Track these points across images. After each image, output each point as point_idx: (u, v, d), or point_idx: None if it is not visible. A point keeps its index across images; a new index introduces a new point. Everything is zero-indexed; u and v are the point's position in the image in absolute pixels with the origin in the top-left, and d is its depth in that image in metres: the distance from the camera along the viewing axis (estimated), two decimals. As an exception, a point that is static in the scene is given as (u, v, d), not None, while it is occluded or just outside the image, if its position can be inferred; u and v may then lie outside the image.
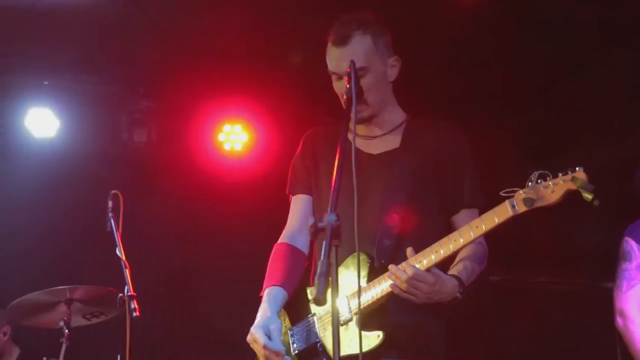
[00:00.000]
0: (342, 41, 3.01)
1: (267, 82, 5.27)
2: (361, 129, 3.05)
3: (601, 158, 5.74)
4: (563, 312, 6.59)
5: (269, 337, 2.85)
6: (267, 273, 3.12)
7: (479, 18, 4.87)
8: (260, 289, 3.14)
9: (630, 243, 3.93)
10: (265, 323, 2.90)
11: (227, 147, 5.66)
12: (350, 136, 2.76)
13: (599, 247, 6.39)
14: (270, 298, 3.01)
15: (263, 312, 2.96)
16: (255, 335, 2.87)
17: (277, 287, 3.04)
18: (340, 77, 3.04)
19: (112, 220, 4.03)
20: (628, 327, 3.79)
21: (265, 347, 2.83)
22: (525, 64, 5.34)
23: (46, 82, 5.45)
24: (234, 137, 5.66)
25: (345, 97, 2.90)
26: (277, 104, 5.32)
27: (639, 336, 3.75)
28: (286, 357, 2.95)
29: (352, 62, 2.88)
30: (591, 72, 5.45)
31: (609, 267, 6.45)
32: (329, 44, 3.07)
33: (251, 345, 2.93)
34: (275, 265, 3.13)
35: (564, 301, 6.58)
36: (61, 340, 4.24)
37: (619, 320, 3.85)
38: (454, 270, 2.89)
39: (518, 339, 6.54)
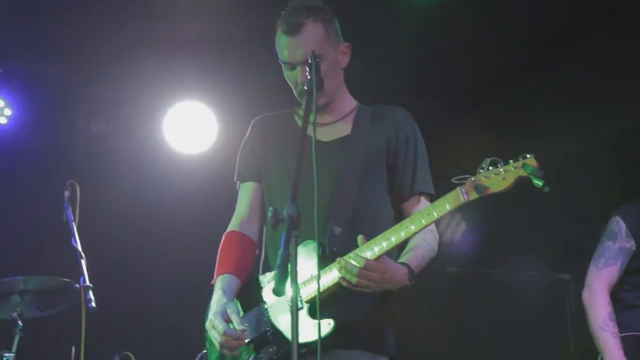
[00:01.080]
0: (294, 29, 2.96)
1: (222, 69, 5.24)
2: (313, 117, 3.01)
3: (556, 153, 5.84)
4: (516, 302, 6.70)
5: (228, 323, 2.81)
6: (218, 261, 3.09)
7: (442, 11, 4.89)
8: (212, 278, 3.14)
9: (620, 224, 3.94)
10: (223, 308, 2.86)
11: (184, 136, 5.60)
12: (307, 127, 2.72)
13: (549, 241, 6.51)
14: (224, 285, 2.98)
15: (218, 298, 2.92)
16: (215, 321, 2.83)
17: (230, 275, 3.02)
18: (293, 67, 2.99)
19: (68, 210, 3.98)
20: (592, 303, 3.85)
21: (225, 333, 2.79)
22: (487, 58, 5.38)
23: (0, 70, 5.35)
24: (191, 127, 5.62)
25: (305, 87, 2.85)
26: (234, 91, 5.29)
27: (601, 313, 3.82)
28: None
29: (313, 53, 2.81)
30: (550, 68, 5.50)
31: (559, 259, 6.61)
32: (279, 33, 3.01)
33: (209, 332, 2.89)
34: (226, 253, 3.10)
35: (517, 291, 6.70)
36: (14, 332, 4.16)
37: (585, 294, 3.90)
38: (404, 257, 2.88)
39: (473, 328, 6.63)
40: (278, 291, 2.37)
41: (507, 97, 5.72)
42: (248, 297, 3.03)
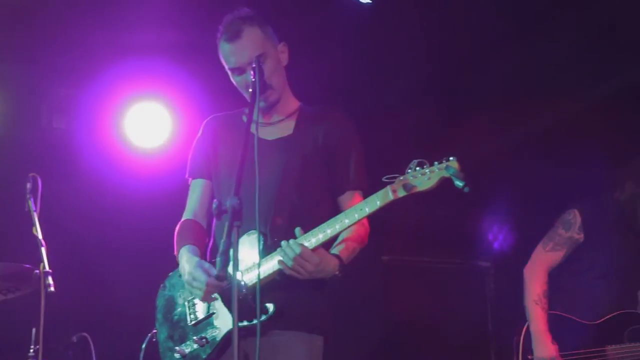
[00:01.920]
0: (236, 35, 2.99)
1: (180, 71, 5.21)
2: (260, 116, 3.00)
3: (481, 150, 5.92)
4: (443, 287, 6.78)
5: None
6: (177, 240, 3.10)
7: (376, 15, 4.90)
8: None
9: (577, 217, 3.98)
10: (199, 264, 2.87)
11: (142, 134, 5.55)
12: (250, 125, 2.76)
13: (471, 232, 6.61)
14: (190, 250, 3.00)
15: (188, 258, 2.94)
16: (195, 274, 2.84)
17: (192, 245, 3.03)
18: (242, 71, 3.01)
19: (30, 201, 3.94)
20: (532, 279, 3.95)
21: (208, 283, 2.80)
22: (419, 60, 5.37)
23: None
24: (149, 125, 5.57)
25: (251, 89, 2.89)
26: (189, 92, 5.27)
27: (537, 289, 3.91)
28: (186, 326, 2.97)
29: (257, 57, 2.87)
30: (477, 70, 5.52)
31: (479, 248, 6.72)
32: (222, 43, 3.04)
33: (190, 285, 2.86)
34: (184, 233, 3.11)
35: (443, 277, 6.78)
36: (-24, 316, 4.12)
37: (528, 269, 4.00)
38: (336, 249, 2.94)
39: (404, 310, 6.69)
40: (219, 277, 2.40)
41: (439, 100, 5.75)
42: None
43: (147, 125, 5.41)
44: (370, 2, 4.67)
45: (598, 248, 3.94)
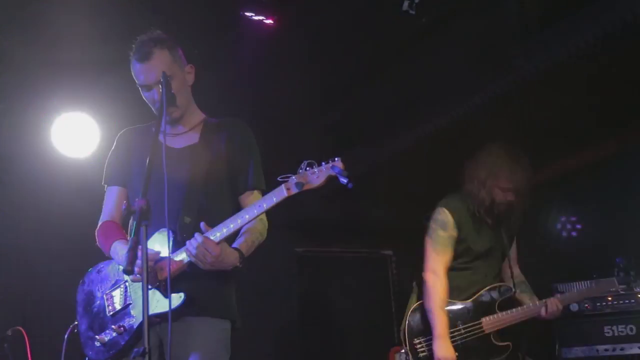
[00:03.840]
0: (146, 57, 2.99)
1: (108, 87, 5.12)
2: (168, 128, 3.03)
3: (381, 153, 6.03)
4: (351, 274, 6.89)
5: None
6: (102, 239, 3.07)
7: (282, 35, 4.92)
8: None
9: (448, 215, 3.99)
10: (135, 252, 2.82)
11: (65, 144, 5.36)
12: (160, 135, 2.78)
13: (376, 225, 6.74)
14: (121, 244, 2.97)
15: (121, 248, 2.91)
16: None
17: (121, 239, 3.02)
18: (149, 88, 3.02)
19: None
20: (436, 286, 3.88)
21: (155, 262, 2.79)
22: (325, 72, 5.40)
23: None
24: (72, 136, 5.42)
25: (158, 103, 2.92)
26: (112, 104, 5.20)
27: (442, 295, 3.87)
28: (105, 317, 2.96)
29: (164, 73, 2.88)
30: (377, 81, 5.54)
31: (382, 238, 6.85)
32: (134, 62, 3.03)
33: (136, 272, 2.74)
34: (109, 232, 3.09)
35: (351, 265, 6.89)
36: None
37: (430, 276, 3.91)
38: (237, 243, 2.97)
39: (317, 297, 6.77)
40: (127, 271, 2.41)
41: (338, 108, 5.80)
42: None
43: (72, 135, 5.30)
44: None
45: (465, 239, 4.03)
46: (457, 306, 3.98)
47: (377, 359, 5.21)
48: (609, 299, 4.84)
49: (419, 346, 3.93)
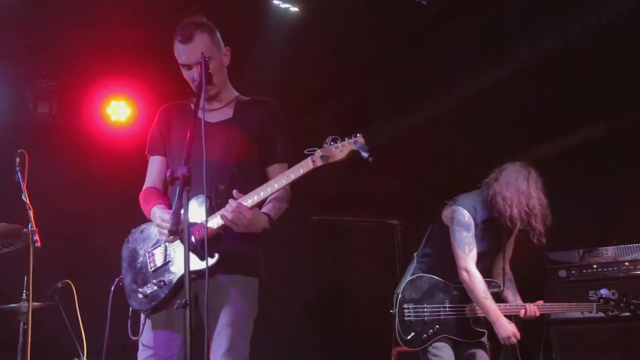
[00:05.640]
0: (188, 39, 2.97)
1: (146, 66, 5.14)
2: (205, 104, 2.98)
3: (391, 133, 6.04)
4: (361, 241, 6.92)
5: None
6: (145, 203, 3.07)
7: (302, 23, 4.91)
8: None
9: (465, 215, 3.87)
10: (166, 212, 2.87)
11: (113, 118, 5.52)
12: (198, 111, 2.79)
13: (384, 197, 6.75)
14: (160, 207, 2.97)
15: (161, 211, 2.90)
16: (164, 216, 2.83)
17: (160, 204, 3.02)
18: (190, 67, 3.01)
19: (19, 173, 3.88)
20: (472, 281, 3.80)
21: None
22: (341, 59, 5.41)
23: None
24: (119, 111, 5.51)
25: (197, 81, 2.92)
26: (152, 85, 5.23)
27: (481, 288, 3.79)
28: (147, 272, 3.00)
29: (203, 54, 2.86)
30: (384, 69, 5.58)
31: (389, 208, 6.86)
32: (176, 43, 3.02)
33: (160, 227, 2.85)
34: (150, 197, 3.09)
35: (361, 233, 6.91)
36: (-23, 267, 4.06)
37: (465, 276, 3.83)
38: (265, 208, 2.98)
39: (330, 262, 6.81)
40: (172, 231, 2.43)
41: (355, 90, 5.81)
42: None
43: (117, 110, 5.35)
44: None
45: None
46: (449, 287, 3.99)
47: (379, 314, 5.23)
48: (594, 266, 4.85)
49: (406, 311, 3.92)
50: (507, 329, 3.78)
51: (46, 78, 5.34)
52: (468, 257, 3.85)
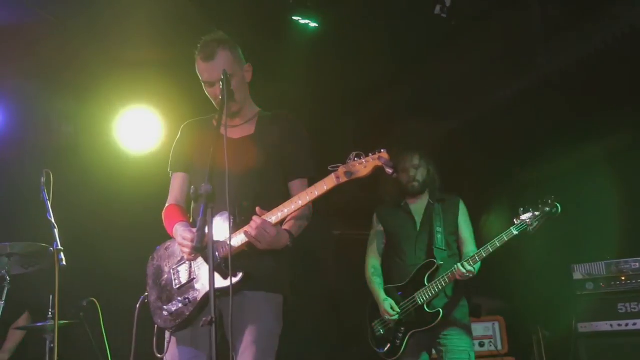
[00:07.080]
0: (210, 57, 2.96)
1: (169, 84, 5.15)
2: (227, 121, 2.97)
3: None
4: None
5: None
6: (168, 221, 3.06)
7: (322, 40, 4.92)
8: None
9: (374, 216, 4.56)
10: (189, 230, 2.87)
11: (136, 136, 5.43)
12: (221, 128, 2.76)
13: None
14: (183, 225, 2.96)
15: (183, 229, 2.90)
16: (185, 235, 2.83)
17: (183, 221, 3.01)
18: (212, 85, 2.99)
19: (44, 192, 3.89)
20: (365, 268, 4.49)
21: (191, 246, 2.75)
22: (358, 76, 5.42)
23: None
24: (142, 129, 5.44)
25: (219, 98, 2.90)
26: (176, 102, 5.23)
27: (367, 274, 4.48)
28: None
29: (225, 71, 2.85)
30: (398, 87, 5.60)
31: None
32: (198, 60, 3.01)
33: (182, 245, 2.86)
34: (173, 215, 3.07)
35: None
36: (3, 285, 4.05)
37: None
38: (287, 225, 2.95)
39: (352, 277, 6.71)
40: (197, 248, 2.40)
41: (375, 107, 5.79)
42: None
43: (138, 128, 5.36)
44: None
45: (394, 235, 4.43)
46: (399, 289, 4.31)
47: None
48: (623, 278, 4.75)
49: (375, 328, 4.30)
50: (382, 308, 4.18)
51: (70, 97, 5.37)
52: (367, 250, 4.52)
